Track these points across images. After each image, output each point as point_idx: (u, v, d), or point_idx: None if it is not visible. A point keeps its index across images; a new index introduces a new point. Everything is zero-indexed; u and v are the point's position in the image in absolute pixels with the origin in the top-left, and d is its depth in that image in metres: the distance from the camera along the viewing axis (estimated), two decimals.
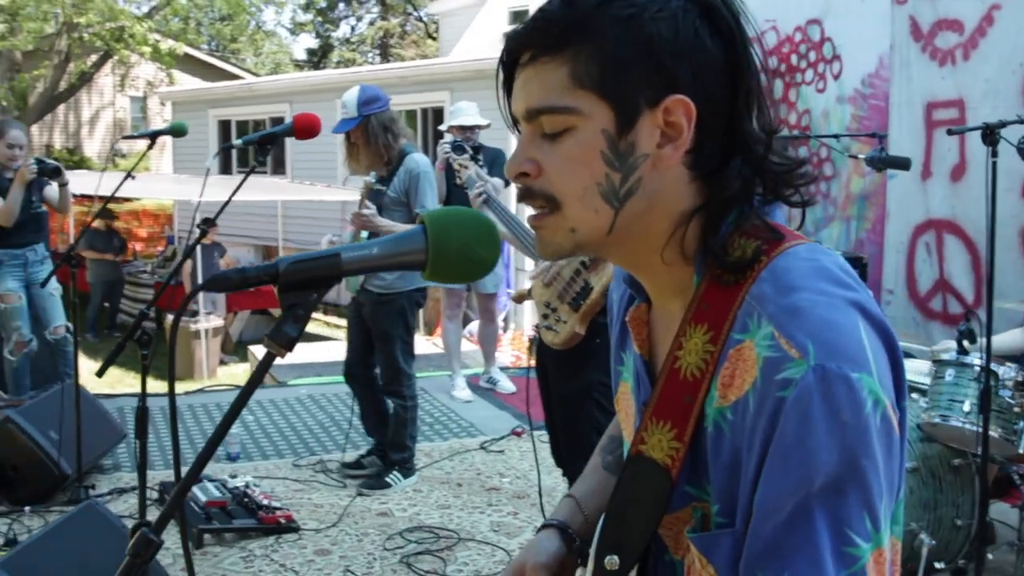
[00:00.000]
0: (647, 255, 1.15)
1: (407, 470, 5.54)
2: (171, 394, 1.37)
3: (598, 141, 1.08)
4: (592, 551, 1.19)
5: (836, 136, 5.94)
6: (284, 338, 1.08)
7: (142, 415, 3.12)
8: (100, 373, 3.19)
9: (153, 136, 4.44)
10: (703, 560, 1.08)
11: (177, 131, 4.49)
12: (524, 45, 1.12)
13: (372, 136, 5.16)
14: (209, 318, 11.31)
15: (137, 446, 3.11)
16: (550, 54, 1.09)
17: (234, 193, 3.22)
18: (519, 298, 4.18)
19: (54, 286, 6.66)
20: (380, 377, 5.50)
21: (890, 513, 1.01)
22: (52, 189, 6.53)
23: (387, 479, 5.45)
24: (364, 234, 5.19)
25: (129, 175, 4.57)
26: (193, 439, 6.38)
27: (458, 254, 1.12)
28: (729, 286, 1.08)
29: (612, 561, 1.15)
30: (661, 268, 1.15)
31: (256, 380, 1.11)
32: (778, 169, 1.13)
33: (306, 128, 3.17)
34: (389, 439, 5.55)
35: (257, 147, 3.15)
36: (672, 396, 1.11)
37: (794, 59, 6.92)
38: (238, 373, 11.19)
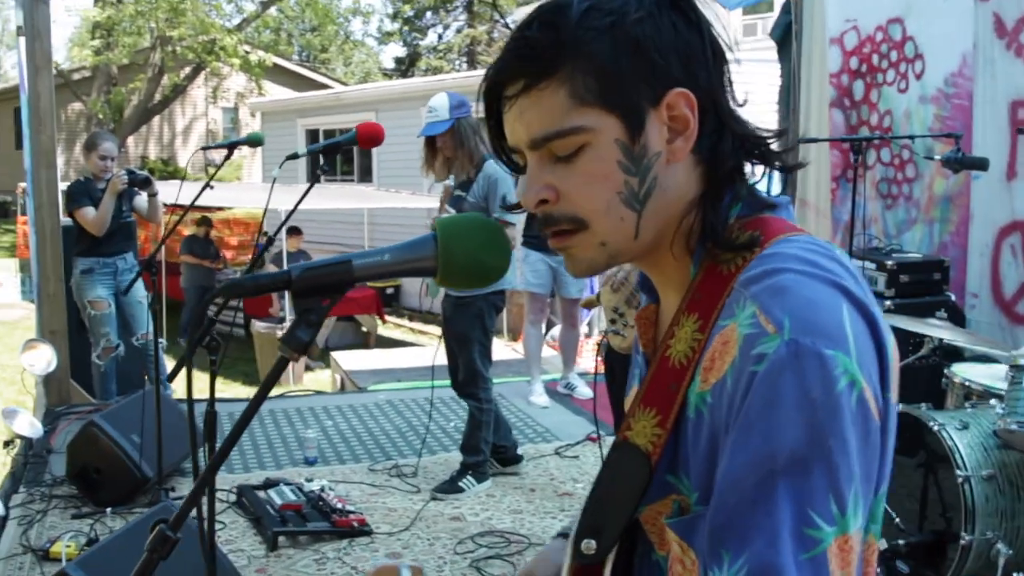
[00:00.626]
0: (663, 251, 1.16)
1: (481, 475, 5.56)
2: (212, 401, 1.40)
3: (613, 152, 1.09)
4: (571, 535, 1.19)
5: (912, 137, 5.83)
6: (296, 342, 1.11)
7: (211, 419, 3.17)
8: (171, 378, 3.27)
9: (231, 146, 4.53)
10: (683, 545, 1.07)
11: (254, 141, 4.58)
12: (513, 75, 1.11)
13: (464, 139, 5.25)
14: None
15: (205, 449, 3.16)
16: (544, 80, 1.09)
17: (298, 204, 3.27)
18: (588, 304, 4.19)
19: (142, 294, 6.86)
20: (459, 379, 5.56)
21: (865, 504, 0.98)
22: (142, 199, 6.72)
23: (460, 484, 5.48)
24: None
25: (207, 185, 4.67)
26: (272, 443, 6.48)
27: (466, 261, 1.14)
28: (721, 275, 1.09)
29: (589, 545, 1.14)
30: (671, 263, 1.16)
31: (269, 384, 1.12)
32: (760, 139, 1.15)
33: (369, 137, 3.21)
34: (463, 442, 5.61)
35: (322, 156, 3.20)
36: (659, 384, 1.11)
37: (875, 59, 6.79)
38: (323, 379, 11.33)
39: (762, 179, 1.21)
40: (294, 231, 12.84)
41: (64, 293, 6.85)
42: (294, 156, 3.30)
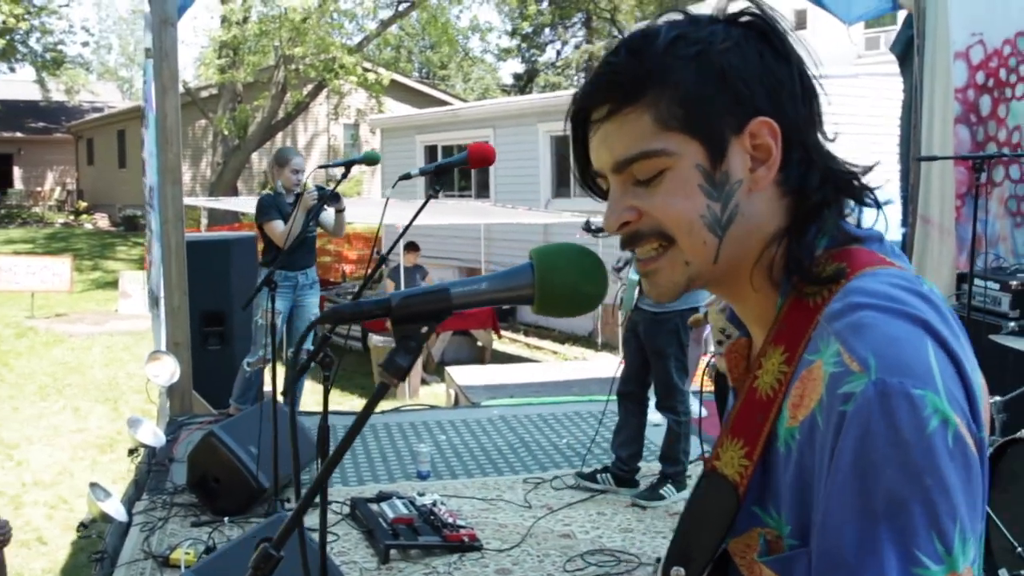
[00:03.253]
0: (742, 284, 1.16)
1: (680, 483, 5.70)
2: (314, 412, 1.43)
3: (694, 176, 1.10)
4: (661, 562, 1.20)
5: None
6: (396, 368, 1.12)
7: (323, 434, 3.23)
8: (285, 393, 3.34)
9: (349, 164, 4.63)
10: None
11: (371, 160, 4.67)
12: (598, 101, 1.13)
13: None
14: None
15: (318, 463, 3.23)
16: (628, 106, 1.10)
17: (412, 221, 3.32)
18: (695, 323, 4.15)
19: (314, 312, 7.15)
20: (655, 394, 5.74)
21: (974, 541, 0.96)
22: (328, 214, 6.93)
23: (661, 491, 5.63)
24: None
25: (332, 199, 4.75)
26: (386, 456, 6.56)
27: (564, 290, 1.14)
28: (808, 308, 1.09)
29: (678, 572, 1.15)
30: (751, 295, 1.16)
31: (371, 408, 1.15)
32: (848, 175, 1.14)
33: (480, 158, 3.24)
34: (663, 453, 5.76)
35: (434, 176, 3.25)
36: (747, 415, 1.12)
37: (1003, 73, 6.60)
38: (439, 393, 11.43)
39: (859, 213, 1.19)
40: (411, 247, 13.01)
41: (187, 306, 7.07)
42: (407, 176, 3.36)
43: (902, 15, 7.71)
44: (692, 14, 1.15)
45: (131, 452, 6.11)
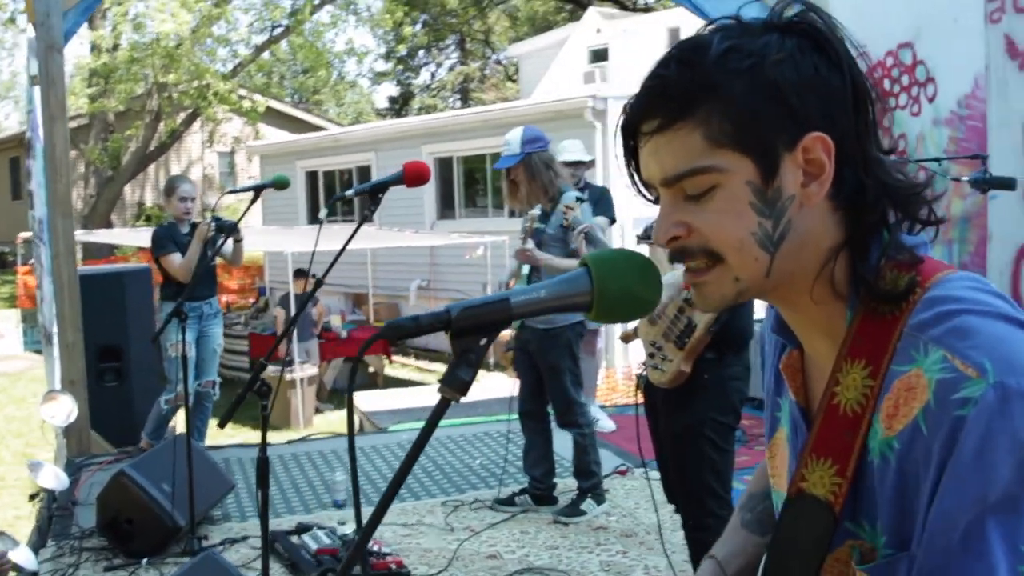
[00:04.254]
0: (799, 295, 1.15)
1: (599, 497, 5.68)
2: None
3: (745, 193, 1.09)
4: None
5: (938, 160, 5.84)
6: (459, 383, 1.10)
7: (263, 465, 3.16)
8: (222, 424, 3.26)
9: (257, 190, 4.54)
10: None
11: (280, 184, 4.58)
12: (648, 114, 1.12)
13: (535, 172, 5.38)
14: (304, 367, 11.42)
15: (259, 495, 3.14)
16: (679, 121, 1.09)
17: (347, 244, 3.26)
18: (626, 337, 4.16)
19: (219, 342, 6.99)
20: (554, 411, 5.70)
21: None
22: (227, 244, 6.75)
23: (582, 507, 5.60)
24: (525, 268, 5.38)
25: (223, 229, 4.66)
26: (299, 487, 6.43)
27: (622, 295, 1.13)
28: (884, 320, 1.09)
29: None
30: (811, 307, 1.15)
31: (433, 425, 1.13)
32: (906, 190, 1.14)
33: (416, 176, 3.19)
34: (576, 469, 5.72)
35: (369, 197, 3.19)
36: (832, 433, 1.11)
37: (887, 84, 6.82)
38: (334, 420, 11.26)
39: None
40: (300, 274, 12.80)
41: (83, 343, 6.82)
42: (340, 198, 3.28)
43: None
44: (744, 21, 1.13)
45: (32, 498, 5.86)
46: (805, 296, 1.14)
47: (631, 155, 1.18)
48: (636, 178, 1.20)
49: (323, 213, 3.17)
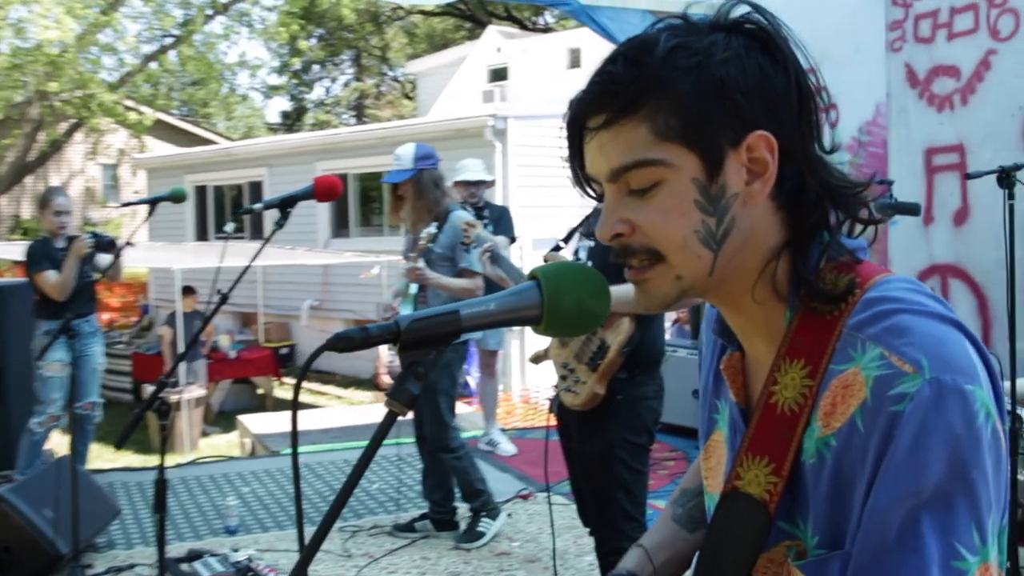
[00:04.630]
0: (741, 295, 1.16)
1: (493, 512, 5.52)
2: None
3: (689, 191, 1.10)
4: None
5: None
6: (406, 396, 1.07)
7: (161, 488, 2.98)
8: (119, 445, 3.08)
9: (153, 202, 4.35)
10: None
11: (177, 197, 4.39)
12: (595, 110, 1.13)
13: (423, 190, 5.24)
14: (190, 388, 11.06)
15: (157, 520, 2.97)
16: (626, 116, 1.10)
17: (254, 258, 3.13)
18: (536, 359, 4.06)
19: (100, 361, 6.66)
20: (427, 435, 5.45)
21: (1000, 531, 1.01)
22: (105, 258, 6.42)
23: (479, 528, 5.46)
24: (413, 288, 5.21)
25: (125, 244, 4.46)
26: (189, 513, 6.19)
27: (573, 309, 1.12)
28: (823, 320, 1.10)
29: None
30: (753, 307, 1.17)
31: (378, 442, 1.08)
32: (847, 189, 1.15)
33: (328, 190, 3.06)
34: (463, 492, 5.55)
35: (279, 210, 3.04)
36: (769, 431, 1.12)
37: None
38: (221, 444, 10.91)
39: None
40: (188, 291, 12.43)
41: None
42: (248, 211, 3.13)
43: None
44: (692, 20, 1.14)
45: None
46: (747, 296, 1.15)
47: (576, 151, 1.18)
48: (580, 175, 1.19)
49: (230, 226, 3.02)
